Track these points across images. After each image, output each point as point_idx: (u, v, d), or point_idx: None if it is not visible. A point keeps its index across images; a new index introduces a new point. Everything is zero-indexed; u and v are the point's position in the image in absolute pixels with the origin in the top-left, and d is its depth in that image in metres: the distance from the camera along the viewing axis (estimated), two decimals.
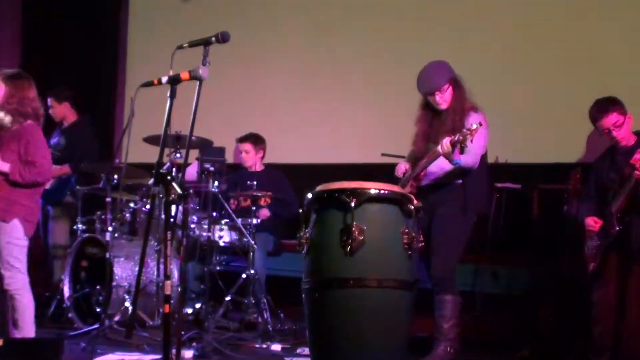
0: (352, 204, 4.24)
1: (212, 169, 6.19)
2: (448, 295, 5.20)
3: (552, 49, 6.78)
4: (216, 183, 6.25)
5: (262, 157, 7.26)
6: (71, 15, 9.43)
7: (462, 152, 4.98)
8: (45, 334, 5.87)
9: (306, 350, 5.46)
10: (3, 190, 4.82)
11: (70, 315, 6.36)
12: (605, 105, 5.20)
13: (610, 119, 5.15)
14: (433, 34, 7.34)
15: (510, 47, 6.99)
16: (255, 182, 6.54)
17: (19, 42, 9.93)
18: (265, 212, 6.85)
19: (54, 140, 7.32)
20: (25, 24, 9.95)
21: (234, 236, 6.53)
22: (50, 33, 9.50)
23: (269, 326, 6.14)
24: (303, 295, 4.46)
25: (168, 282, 3.69)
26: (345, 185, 4.37)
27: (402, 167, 5.43)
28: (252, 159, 7.18)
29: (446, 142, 4.91)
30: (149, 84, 3.90)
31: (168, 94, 3.77)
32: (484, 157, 5.26)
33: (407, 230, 4.35)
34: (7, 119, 4.85)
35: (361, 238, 4.23)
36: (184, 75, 3.76)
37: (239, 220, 6.40)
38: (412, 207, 4.40)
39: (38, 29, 9.72)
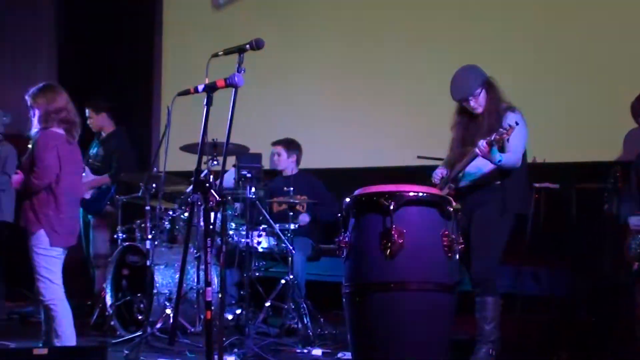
0: (391, 207, 4.24)
1: (249, 175, 6.20)
2: (489, 297, 5.16)
3: (589, 47, 6.73)
4: (253, 189, 6.26)
5: (297, 162, 7.25)
6: (106, 27, 9.52)
7: (501, 151, 4.96)
8: (88, 342, 5.93)
9: (347, 355, 5.46)
10: (28, 200, 4.90)
11: (112, 323, 6.40)
12: None
13: None
14: (468, 35, 7.32)
15: (547, 46, 6.94)
16: (292, 188, 6.55)
17: (55, 53, 10.06)
18: (304, 218, 6.87)
19: (92, 150, 7.40)
20: (62, 36, 10.08)
21: (273, 242, 6.54)
22: (86, 44, 9.60)
23: (309, 331, 6.13)
24: (343, 300, 4.47)
25: (209, 289, 3.71)
26: (384, 188, 4.37)
27: (439, 172, 5.40)
28: (284, 163, 7.18)
29: (483, 143, 4.88)
30: (186, 92, 3.93)
31: (204, 101, 3.79)
32: (522, 157, 5.22)
33: (446, 233, 4.34)
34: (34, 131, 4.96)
35: (401, 241, 4.23)
36: (220, 82, 3.78)
37: (277, 226, 6.41)
38: (451, 209, 4.40)
39: (74, 42, 9.83)
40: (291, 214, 6.48)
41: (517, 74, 6.73)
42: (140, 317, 6.35)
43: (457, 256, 4.48)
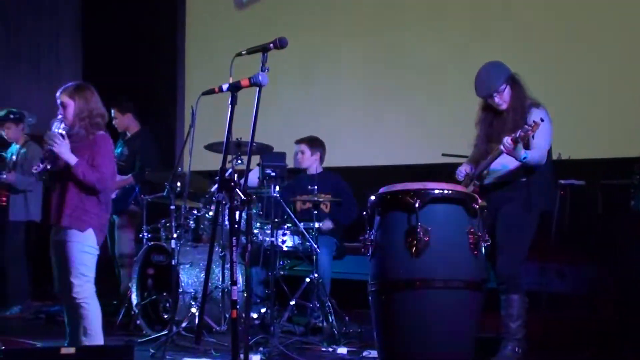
0: (416, 205, 4.24)
1: (273, 174, 6.21)
2: (514, 295, 5.14)
3: (613, 43, 6.68)
4: (277, 188, 6.27)
5: (321, 161, 7.23)
6: (129, 28, 9.58)
7: (527, 148, 4.94)
8: (114, 341, 5.95)
9: (372, 353, 5.45)
10: (77, 199, 4.90)
11: (138, 322, 6.44)
12: None
13: None
14: (492, 32, 7.30)
15: (572, 42, 6.91)
16: (315, 187, 6.55)
17: (80, 56, 10.13)
18: (328, 224, 6.83)
19: (117, 150, 7.42)
20: (86, 37, 10.14)
21: (297, 240, 6.54)
22: (109, 44, 9.66)
23: (334, 329, 6.12)
24: (369, 298, 4.47)
25: (235, 288, 3.72)
26: (409, 186, 4.37)
27: (463, 169, 5.38)
28: (308, 161, 7.16)
29: (508, 140, 4.86)
30: (210, 92, 3.93)
31: (229, 101, 3.79)
32: (547, 153, 5.20)
33: (472, 230, 4.34)
34: (82, 132, 4.95)
35: (426, 239, 4.23)
36: (244, 82, 3.78)
37: (302, 225, 6.41)
38: (477, 207, 4.39)
39: (98, 43, 9.90)
40: (315, 212, 6.48)
41: (542, 69, 6.71)
42: (165, 316, 6.37)
43: (483, 253, 4.47)
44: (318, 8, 8.50)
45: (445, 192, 4.37)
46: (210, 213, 6.68)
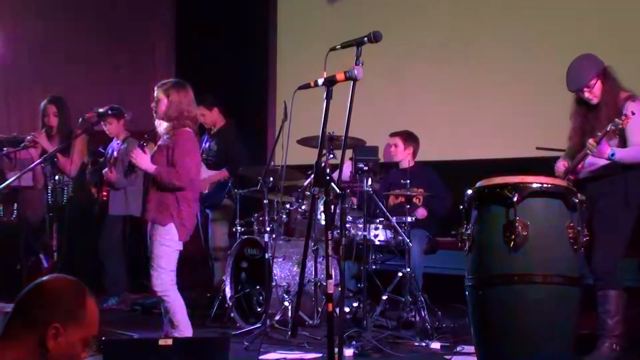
0: (515, 199, 4.19)
1: (365, 168, 6.20)
2: (612, 291, 5.04)
3: None
4: (370, 182, 6.26)
5: (414, 155, 7.21)
6: (222, 24, 9.69)
7: (623, 144, 4.84)
8: (209, 334, 6.05)
9: (466, 348, 5.42)
10: (157, 195, 5.03)
11: (232, 315, 6.52)
12: None
13: None
14: (583, 23, 7.14)
15: None
16: (408, 181, 6.52)
17: (173, 53, 10.30)
18: (422, 212, 6.83)
19: (205, 145, 7.50)
20: (179, 33, 10.30)
21: (389, 235, 6.53)
22: (202, 42, 9.78)
23: (427, 324, 6.10)
24: (466, 293, 4.43)
25: (330, 281, 3.73)
26: (507, 180, 4.32)
27: (561, 164, 5.29)
28: (401, 154, 7.15)
29: (590, 142, 4.79)
30: (306, 86, 3.93)
31: (324, 95, 3.79)
32: None
33: (572, 225, 4.26)
34: (163, 126, 5.07)
35: (525, 233, 4.17)
36: (340, 76, 3.77)
37: (394, 219, 6.39)
38: (577, 200, 4.31)
39: (191, 39, 10.04)
40: (408, 206, 6.46)
41: (635, 60, 6.53)
42: (259, 309, 6.43)
43: (583, 248, 4.39)
44: (409, 2, 8.45)
45: (545, 185, 4.30)
46: (303, 207, 6.71)
